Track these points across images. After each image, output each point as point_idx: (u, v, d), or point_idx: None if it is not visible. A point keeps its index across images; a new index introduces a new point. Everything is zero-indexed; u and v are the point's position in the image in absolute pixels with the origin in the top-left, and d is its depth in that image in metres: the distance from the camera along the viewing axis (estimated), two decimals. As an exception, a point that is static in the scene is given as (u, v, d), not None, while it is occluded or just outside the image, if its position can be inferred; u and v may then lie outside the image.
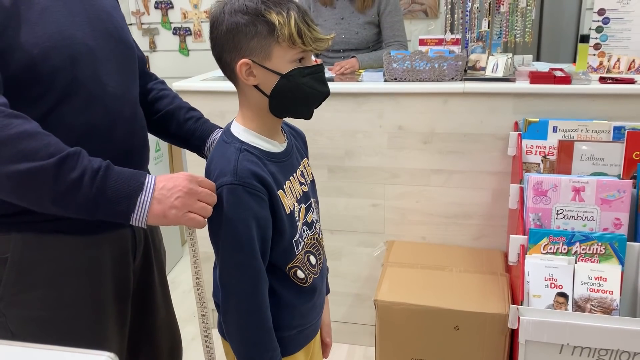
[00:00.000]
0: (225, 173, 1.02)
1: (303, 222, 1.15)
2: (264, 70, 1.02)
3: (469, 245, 2.10)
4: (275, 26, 0.99)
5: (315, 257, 1.18)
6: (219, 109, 2.15)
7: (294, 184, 1.13)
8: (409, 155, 2.08)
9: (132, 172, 0.95)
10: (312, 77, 1.06)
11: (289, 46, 1.01)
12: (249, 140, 1.07)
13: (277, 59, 1.02)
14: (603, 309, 1.40)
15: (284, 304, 1.13)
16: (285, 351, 1.16)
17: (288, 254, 1.11)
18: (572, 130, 1.76)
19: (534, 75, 1.92)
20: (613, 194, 1.50)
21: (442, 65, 2.00)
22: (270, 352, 1.08)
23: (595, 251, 1.46)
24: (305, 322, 1.20)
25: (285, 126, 1.20)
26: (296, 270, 1.13)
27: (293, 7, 1.01)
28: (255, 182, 1.02)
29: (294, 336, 1.18)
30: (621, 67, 2.01)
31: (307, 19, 1.02)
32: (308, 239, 1.16)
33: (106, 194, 0.90)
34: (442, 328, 1.68)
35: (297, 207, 1.12)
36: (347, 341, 2.30)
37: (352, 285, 2.27)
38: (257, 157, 1.05)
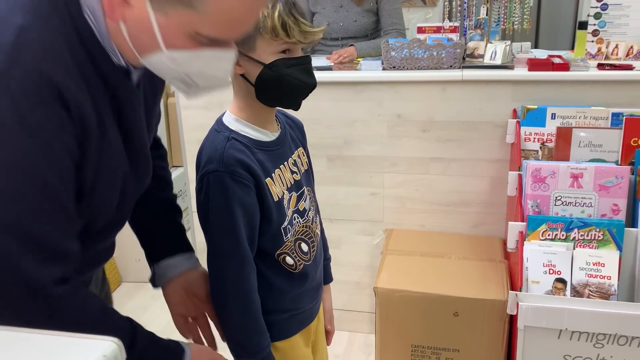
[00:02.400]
0: (211, 160, 1.04)
1: (294, 210, 1.16)
2: (249, 59, 1.04)
3: (468, 232, 2.11)
4: (259, 19, 0.99)
5: (308, 244, 1.20)
6: (217, 99, 2.14)
7: (284, 173, 1.15)
8: (408, 144, 2.08)
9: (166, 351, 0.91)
10: (297, 68, 1.07)
11: (271, 38, 1.02)
12: (239, 129, 1.09)
13: (260, 50, 1.03)
14: (601, 294, 1.41)
15: (275, 288, 1.15)
16: (280, 334, 1.18)
17: (276, 241, 1.13)
18: (570, 117, 1.76)
19: (532, 63, 1.92)
20: (611, 180, 1.51)
21: (440, 53, 1.99)
22: (258, 336, 1.10)
23: (594, 237, 1.46)
24: (297, 307, 1.21)
25: (281, 115, 1.21)
26: (285, 256, 1.15)
27: (280, 0, 1.02)
28: (241, 170, 1.04)
29: (287, 320, 1.20)
30: (619, 53, 2.01)
31: (295, 11, 1.03)
32: (299, 227, 1.18)
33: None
34: (441, 315, 1.69)
35: (287, 195, 1.14)
36: (348, 329, 2.32)
37: (352, 274, 2.28)
38: (244, 145, 1.07)
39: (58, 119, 0.68)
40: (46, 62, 0.66)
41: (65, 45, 0.70)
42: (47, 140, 0.67)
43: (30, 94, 0.65)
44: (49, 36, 0.68)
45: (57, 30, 0.69)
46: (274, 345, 1.17)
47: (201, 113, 2.24)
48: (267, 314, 1.13)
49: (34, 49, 0.66)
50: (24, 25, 0.66)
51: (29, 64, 0.65)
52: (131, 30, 0.74)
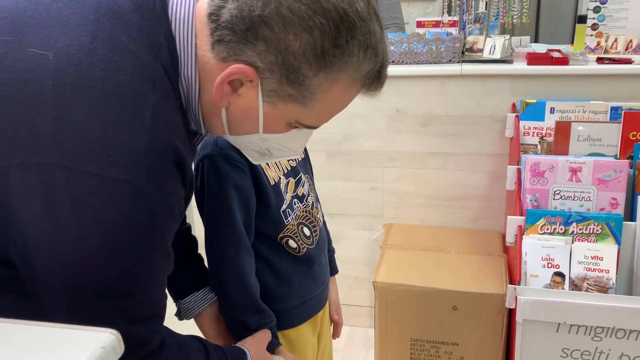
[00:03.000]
0: (206, 145, 1.06)
1: (292, 194, 1.17)
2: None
3: (467, 227, 2.11)
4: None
5: (310, 229, 1.21)
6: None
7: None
8: (407, 139, 2.08)
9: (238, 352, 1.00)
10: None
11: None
12: None
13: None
14: (599, 287, 1.41)
15: (282, 274, 1.16)
16: (289, 323, 1.19)
17: (278, 224, 1.14)
18: (569, 111, 1.77)
19: (531, 57, 1.92)
20: (610, 174, 1.51)
21: (439, 48, 1.99)
22: (257, 313, 1.11)
23: (592, 231, 1.47)
24: (305, 292, 1.22)
25: None
26: (288, 239, 1.16)
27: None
28: (234, 154, 1.05)
29: (297, 308, 1.20)
30: (618, 47, 2.01)
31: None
32: (300, 212, 1.19)
33: None
34: (440, 308, 1.70)
35: (284, 180, 1.15)
36: (347, 323, 2.31)
37: (352, 268, 2.29)
38: None
39: (179, 187, 0.73)
40: (173, 137, 0.71)
41: (179, 120, 0.74)
42: (172, 208, 0.72)
43: (163, 166, 0.69)
44: (174, 116, 0.72)
45: (175, 106, 0.73)
46: (283, 333, 1.18)
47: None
48: (277, 303, 1.15)
49: (166, 126, 0.69)
50: (156, 104, 0.69)
51: (163, 142, 0.69)
52: (232, 116, 0.78)
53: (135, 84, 0.68)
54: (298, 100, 0.74)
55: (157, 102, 0.69)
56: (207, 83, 0.75)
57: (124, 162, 0.65)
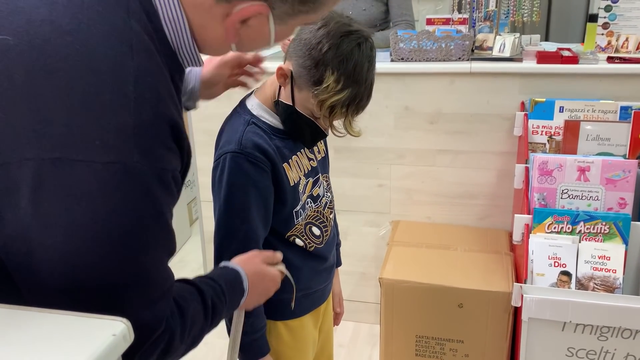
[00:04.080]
0: (230, 142, 1.08)
1: (308, 195, 1.18)
2: (290, 90, 1.07)
3: (474, 224, 2.11)
4: (321, 85, 1.01)
5: (320, 229, 1.22)
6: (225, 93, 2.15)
7: (302, 159, 1.17)
8: (415, 136, 2.08)
9: (236, 287, 0.94)
10: (311, 132, 1.12)
11: (316, 104, 1.04)
12: (260, 115, 1.12)
13: (303, 97, 1.07)
14: (606, 287, 1.41)
15: (289, 265, 1.17)
16: (292, 314, 1.21)
17: (287, 223, 1.16)
18: (578, 110, 1.76)
19: (541, 55, 1.91)
20: (618, 174, 1.51)
21: (449, 45, 1.99)
22: (253, 318, 1.12)
23: (600, 230, 1.47)
24: (310, 286, 1.24)
25: None
26: (295, 238, 1.18)
27: (354, 90, 1.03)
28: (257, 154, 1.07)
29: (300, 300, 1.22)
30: (629, 46, 1.99)
31: (352, 107, 1.05)
32: (311, 212, 1.20)
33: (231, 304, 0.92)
34: (446, 306, 1.70)
35: (303, 181, 1.16)
36: (353, 319, 2.33)
37: (358, 265, 2.30)
38: (263, 130, 1.10)
39: (175, 160, 0.69)
40: (163, 105, 0.66)
41: (166, 77, 0.70)
42: (168, 183, 0.68)
43: (156, 140, 0.65)
44: (159, 76, 0.68)
45: (159, 64, 0.69)
46: (285, 323, 1.21)
47: (210, 104, 2.24)
48: (282, 292, 1.15)
49: (153, 94, 0.65)
50: (137, 69, 0.64)
51: (152, 113, 0.64)
52: (241, 43, 0.76)
53: (109, 51, 0.62)
54: (309, 12, 0.74)
55: (138, 67, 0.64)
56: (206, 21, 0.72)
57: (112, 142, 0.61)
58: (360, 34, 1.03)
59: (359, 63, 1.02)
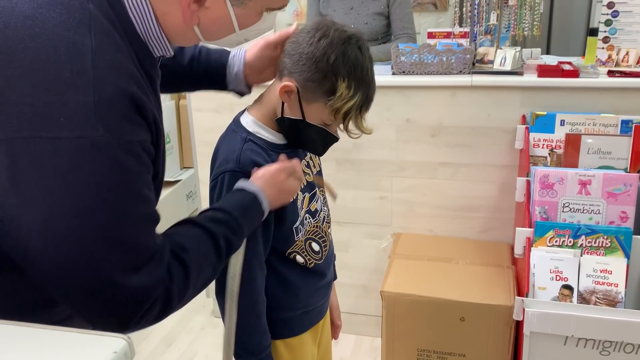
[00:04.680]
0: (228, 160, 1.07)
1: (306, 210, 1.18)
2: (298, 104, 1.06)
3: (476, 237, 2.11)
4: (335, 94, 1.02)
5: (319, 244, 1.22)
6: (228, 102, 2.16)
7: None
8: (417, 148, 2.09)
9: (254, 211, 0.98)
10: (322, 139, 1.11)
11: (330, 113, 1.04)
12: (255, 131, 1.11)
13: (314, 110, 1.06)
14: (608, 301, 1.40)
15: (288, 284, 1.17)
16: (291, 332, 1.20)
17: (288, 240, 1.15)
18: (579, 124, 1.76)
19: (541, 69, 1.92)
20: (619, 188, 1.51)
21: (450, 59, 2.00)
22: (259, 336, 1.11)
23: (601, 244, 1.46)
24: (309, 303, 1.23)
25: None
26: (295, 255, 1.17)
27: (364, 91, 1.04)
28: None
29: (299, 317, 1.21)
30: (630, 60, 2.00)
31: (364, 108, 1.06)
32: (310, 227, 1.20)
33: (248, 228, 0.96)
34: (448, 319, 1.70)
35: (300, 196, 1.16)
36: (354, 332, 2.32)
37: (359, 277, 2.29)
38: (260, 147, 1.10)
39: (143, 132, 0.71)
40: (124, 82, 0.68)
41: (128, 58, 0.72)
42: (138, 154, 0.70)
43: (118, 114, 0.67)
44: (118, 54, 0.69)
45: (119, 44, 0.70)
46: (285, 342, 1.19)
47: (212, 115, 2.26)
48: (281, 311, 1.16)
49: (112, 70, 0.67)
50: (95, 48, 0.66)
51: (112, 87, 0.66)
52: (205, 27, 0.78)
53: (67, 33, 0.65)
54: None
55: (97, 47, 0.66)
56: (167, 7, 0.74)
57: (76, 118, 0.63)
58: (357, 37, 1.05)
59: (364, 66, 1.04)
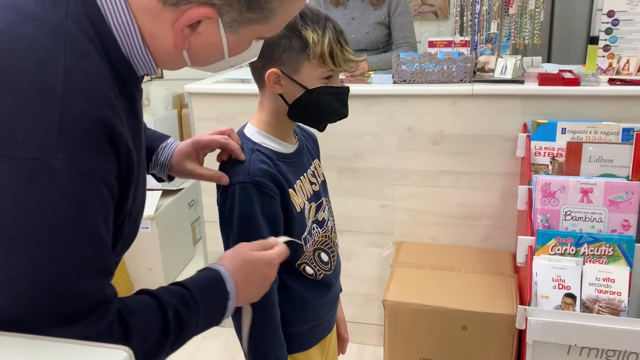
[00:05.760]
0: (238, 172, 1.06)
1: (313, 220, 1.18)
2: (291, 81, 1.06)
3: (478, 246, 2.10)
4: (309, 43, 1.03)
5: (328, 254, 1.21)
6: (230, 111, 2.17)
7: (305, 184, 1.16)
8: (418, 157, 2.09)
9: (215, 290, 0.85)
10: (335, 97, 1.10)
11: (318, 64, 1.05)
12: (261, 142, 1.11)
13: (305, 74, 1.06)
14: (611, 310, 1.40)
15: (297, 298, 1.16)
16: (300, 346, 1.19)
17: (296, 251, 1.14)
18: (580, 132, 1.77)
19: (542, 77, 1.92)
20: (621, 196, 1.50)
21: (450, 67, 2.01)
22: (277, 349, 1.10)
23: (604, 252, 1.46)
24: (318, 317, 1.22)
25: (297, 128, 1.24)
26: (305, 266, 1.16)
27: (329, 27, 1.04)
28: (267, 181, 1.06)
29: (308, 331, 1.20)
30: (630, 68, 2.01)
31: (342, 39, 1.06)
32: (319, 237, 1.19)
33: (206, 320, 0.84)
34: (450, 328, 1.69)
35: (307, 206, 1.16)
36: (356, 341, 2.31)
37: (361, 286, 2.29)
38: (268, 157, 1.09)
39: (109, 163, 0.67)
40: (96, 106, 0.64)
41: (106, 82, 0.68)
42: (96, 186, 0.64)
43: (83, 140, 0.62)
44: (94, 77, 0.66)
45: (99, 67, 0.67)
46: (293, 356, 1.18)
47: (214, 124, 2.26)
48: (289, 326, 1.14)
49: (84, 93, 0.64)
50: (69, 68, 0.63)
51: (81, 110, 0.63)
52: (195, 53, 0.76)
53: (40, 50, 0.62)
54: (259, 22, 0.74)
55: (70, 67, 0.63)
56: (156, 29, 0.71)
57: (34, 137, 0.60)
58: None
59: (309, 8, 1.04)
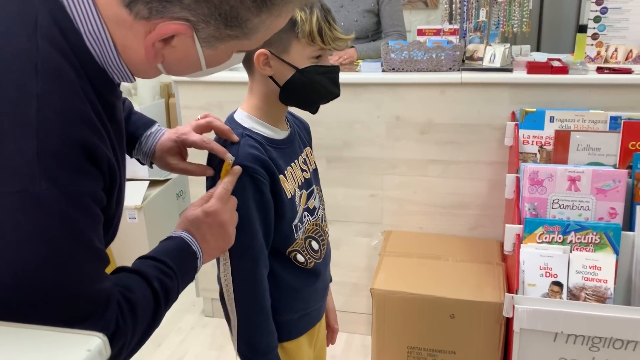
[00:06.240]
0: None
1: (304, 207, 1.17)
2: (281, 62, 1.05)
3: (466, 235, 2.11)
4: (297, 22, 1.01)
5: (318, 242, 1.21)
6: (217, 100, 2.15)
7: (295, 170, 1.16)
8: (407, 146, 2.09)
9: (184, 254, 0.88)
10: (326, 76, 1.09)
11: (307, 43, 1.03)
12: (251, 127, 1.10)
13: (295, 53, 1.05)
14: (597, 297, 1.41)
15: (286, 287, 1.15)
16: (288, 335, 1.19)
17: (287, 238, 1.13)
18: (568, 120, 1.77)
19: (531, 66, 1.92)
20: (608, 184, 1.51)
21: (439, 56, 2.00)
22: (267, 336, 1.10)
23: (590, 240, 1.46)
24: (308, 306, 1.22)
25: (289, 115, 1.24)
26: (296, 254, 1.15)
27: (317, 5, 1.03)
28: (257, 166, 1.05)
29: (297, 320, 1.20)
30: (618, 57, 2.01)
31: (329, 17, 1.05)
32: (310, 225, 1.19)
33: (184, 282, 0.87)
34: (438, 316, 1.69)
35: (298, 193, 1.15)
36: (345, 330, 2.31)
37: (350, 275, 2.28)
38: (258, 142, 1.08)
39: (94, 182, 0.66)
40: (74, 129, 0.62)
41: (83, 99, 0.66)
42: (88, 206, 0.64)
43: (66, 165, 0.61)
44: (69, 98, 0.64)
45: (74, 85, 0.65)
46: (281, 345, 1.18)
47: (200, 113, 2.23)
48: (279, 314, 1.14)
49: (60, 117, 0.61)
50: (41, 92, 0.60)
51: (59, 135, 0.61)
52: (169, 65, 0.73)
53: (9, 75, 0.60)
54: (239, 37, 0.71)
55: (43, 89, 0.61)
56: (128, 41, 0.68)
57: (15, 170, 0.58)
58: None
59: None
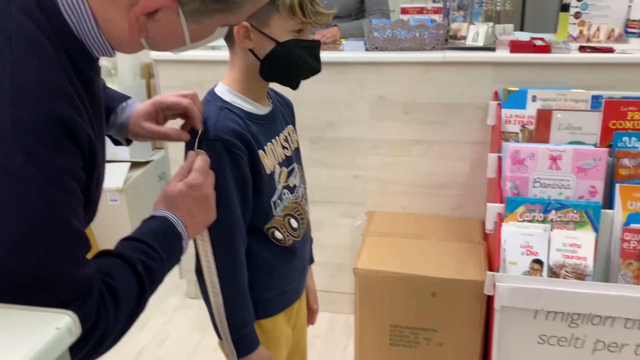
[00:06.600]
0: (205, 129, 1.04)
1: (284, 185, 1.16)
2: (261, 35, 1.03)
3: (448, 214, 2.12)
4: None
5: (297, 221, 1.20)
6: (197, 79, 2.12)
7: (276, 147, 1.15)
8: (390, 126, 2.08)
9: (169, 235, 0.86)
10: (307, 50, 1.08)
11: (288, 16, 1.02)
12: (232, 100, 1.09)
13: (275, 26, 1.03)
14: (577, 274, 1.42)
15: (263, 264, 1.15)
16: (265, 313, 1.18)
17: (266, 214, 1.13)
18: (551, 99, 1.77)
19: (514, 44, 1.92)
20: (589, 162, 1.52)
21: (423, 34, 1.98)
22: (243, 311, 1.10)
23: (571, 219, 1.48)
24: (285, 284, 1.21)
25: (272, 92, 1.22)
26: (274, 231, 1.15)
27: None
28: (234, 140, 1.03)
29: (274, 298, 1.20)
30: (600, 36, 2.01)
31: None
32: (289, 203, 1.18)
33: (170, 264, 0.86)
34: (420, 295, 1.70)
35: (278, 169, 1.14)
36: (328, 310, 2.32)
37: (334, 255, 2.29)
38: (238, 116, 1.07)
39: (73, 158, 0.64)
40: (51, 103, 0.61)
41: (60, 72, 0.64)
42: (66, 184, 0.63)
43: (43, 140, 0.60)
44: (45, 69, 0.62)
45: (50, 57, 0.63)
46: (258, 322, 1.18)
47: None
48: (256, 292, 1.13)
49: (36, 90, 0.60)
50: (16, 63, 0.59)
51: (34, 109, 0.59)
52: (152, 39, 0.72)
53: None
54: (225, 11, 0.70)
55: (17, 61, 0.59)
56: (110, 14, 0.67)
57: None
58: None
59: None
